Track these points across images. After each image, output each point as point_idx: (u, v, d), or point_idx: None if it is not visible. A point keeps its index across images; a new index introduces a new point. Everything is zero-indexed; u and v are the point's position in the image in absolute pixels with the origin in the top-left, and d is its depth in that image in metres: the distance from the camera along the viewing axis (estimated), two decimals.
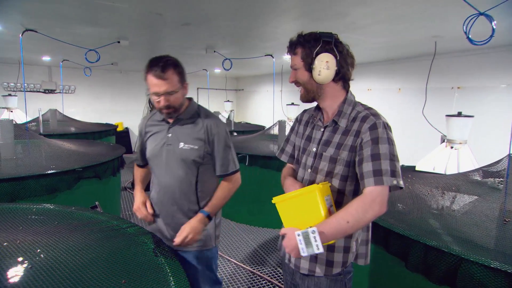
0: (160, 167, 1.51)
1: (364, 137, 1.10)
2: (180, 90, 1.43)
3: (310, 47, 1.14)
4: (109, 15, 3.11)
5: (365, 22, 3.07)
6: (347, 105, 1.20)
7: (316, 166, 1.21)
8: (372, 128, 1.09)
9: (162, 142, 1.50)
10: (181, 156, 1.46)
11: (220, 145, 1.50)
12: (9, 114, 5.37)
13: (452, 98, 4.66)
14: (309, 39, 1.15)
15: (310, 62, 1.14)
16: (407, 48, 4.49)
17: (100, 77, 8.49)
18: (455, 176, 2.36)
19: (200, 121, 1.50)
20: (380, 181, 1.04)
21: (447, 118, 2.76)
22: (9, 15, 3.16)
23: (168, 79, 1.36)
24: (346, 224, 1.03)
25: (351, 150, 1.13)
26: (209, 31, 3.74)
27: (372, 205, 1.03)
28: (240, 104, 10.71)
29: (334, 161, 1.16)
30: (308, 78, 1.18)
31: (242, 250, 3.44)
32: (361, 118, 1.13)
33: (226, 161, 1.52)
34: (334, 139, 1.18)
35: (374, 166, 1.05)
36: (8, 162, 2.73)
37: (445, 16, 2.80)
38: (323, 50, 1.13)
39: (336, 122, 1.19)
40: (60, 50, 5.12)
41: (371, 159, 1.06)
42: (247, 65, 6.87)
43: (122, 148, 3.74)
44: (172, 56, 1.43)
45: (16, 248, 1.11)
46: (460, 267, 1.33)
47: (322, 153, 1.20)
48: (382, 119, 1.11)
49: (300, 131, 1.36)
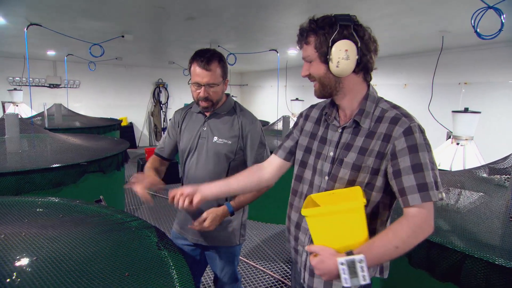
0: (192, 160, 1.52)
1: (398, 143, 0.94)
2: (221, 84, 1.45)
3: (325, 34, 0.97)
4: (113, 9, 3.10)
5: (370, 16, 3.03)
6: (370, 102, 1.04)
7: (335, 174, 1.04)
8: (408, 133, 0.94)
9: (197, 134, 1.52)
10: (214, 150, 1.48)
11: (254, 142, 1.49)
12: (14, 108, 5.42)
13: (458, 94, 4.60)
14: (323, 25, 0.98)
15: (326, 52, 0.97)
16: (413, 43, 4.43)
17: (105, 72, 8.51)
18: (460, 173, 2.34)
19: (235, 117, 1.51)
20: (427, 197, 0.89)
21: (453, 114, 2.73)
22: (13, 9, 3.16)
23: (212, 70, 1.39)
24: (394, 250, 0.88)
25: (379, 156, 0.97)
26: (213, 25, 3.72)
27: (424, 227, 0.90)
28: (244, 99, 10.69)
29: (357, 168, 1.00)
30: (324, 71, 1.00)
31: (246, 245, 3.45)
32: (391, 120, 0.98)
33: (260, 158, 1.49)
34: (356, 143, 1.01)
35: (417, 179, 0.90)
36: (13, 156, 2.75)
37: (453, 10, 2.75)
38: (341, 37, 0.96)
39: (357, 122, 1.02)
40: (65, 44, 5.13)
41: (413, 171, 0.91)
42: (251, 60, 6.84)
43: (126, 143, 3.76)
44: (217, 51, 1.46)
45: (21, 241, 1.12)
46: (464, 264, 1.32)
47: (343, 159, 1.02)
48: (416, 121, 0.96)
49: (307, 128, 1.18)
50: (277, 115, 5.49)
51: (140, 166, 5.44)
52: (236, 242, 1.57)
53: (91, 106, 8.50)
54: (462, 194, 2.03)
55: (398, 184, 0.94)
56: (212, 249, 1.57)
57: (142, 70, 9.18)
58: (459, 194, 2.03)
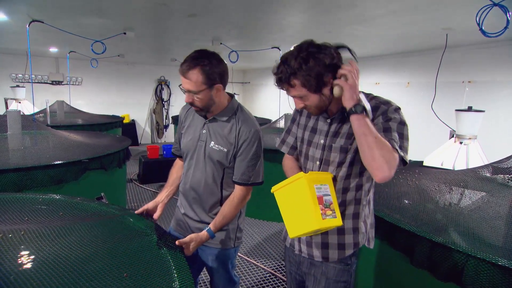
0: (191, 162, 1.51)
1: (377, 122, 1.09)
2: (205, 91, 1.35)
3: (309, 72, 1.05)
4: (115, 6, 3.09)
5: (374, 13, 3.01)
6: None
7: (327, 159, 1.21)
8: (384, 113, 1.10)
9: (197, 136, 1.49)
10: (208, 155, 1.45)
11: (247, 152, 1.42)
12: (17, 105, 5.43)
13: (462, 93, 4.57)
14: (299, 66, 1.05)
15: (316, 84, 1.07)
16: (417, 41, 4.40)
17: (107, 69, 8.52)
18: (463, 172, 2.32)
19: (234, 124, 1.44)
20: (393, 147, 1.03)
21: (457, 112, 2.70)
22: (15, 6, 3.16)
23: (191, 79, 1.32)
24: (373, 139, 1.01)
25: None
26: (216, 23, 3.71)
27: (393, 152, 1.03)
28: (247, 97, 10.67)
29: (345, 150, 1.16)
30: (319, 98, 1.12)
31: (246, 243, 3.45)
32: (372, 109, 1.11)
33: (249, 170, 1.44)
34: (343, 130, 1.18)
35: (386, 137, 1.04)
36: (15, 152, 2.75)
37: (457, 7, 2.72)
38: (321, 65, 1.05)
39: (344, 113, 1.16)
40: (67, 41, 5.13)
41: (383, 132, 1.06)
42: (254, 58, 6.81)
43: (128, 140, 3.76)
44: (212, 54, 1.37)
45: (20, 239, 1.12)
46: (467, 264, 1.31)
47: (332, 144, 1.19)
48: (393, 105, 1.12)
49: (302, 122, 1.34)
50: (279, 112, 5.48)
51: (142, 163, 5.45)
52: (231, 245, 1.55)
53: (93, 103, 8.51)
54: (465, 193, 2.01)
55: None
56: (206, 251, 1.54)
57: (144, 67, 9.18)
58: (462, 194, 2.02)
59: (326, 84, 1.09)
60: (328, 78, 1.09)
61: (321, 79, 1.07)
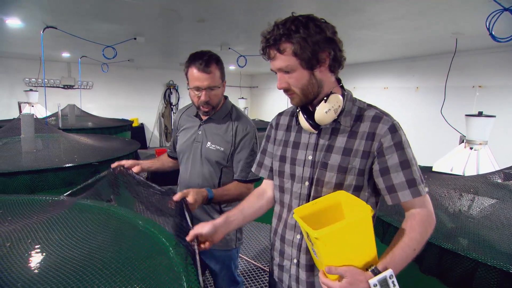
0: (187, 164, 1.52)
1: (385, 141, 0.92)
2: (221, 87, 1.40)
3: (305, 38, 0.88)
4: (127, 12, 3.15)
5: (382, 18, 3.00)
6: (348, 101, 0.99)
7: (320, 178, 0.98)
8: (393, 131, 0.92)
9: (192, 138, 1.50)
10: (206, 156, 1.45)
11: (245, 150, 1.44)
12: (30, 109, 5.55)
13: (472, 97, 4.51)
14: (296, 28, 0.89)
15: (309, 57, 0.89)
16: (426, 46, 4.37)
17: (117, 73, 8.64)
18: (473, 178, 2.28)
19: (230, 123, 1.46)
20: (417, 192, 0.90)
21: (467, 118, 2.67)
22: (31, 13, 3.25)
23: (212, 73, 1.34)
24: (412, 253, 0.88)
25: (365, 156, 0.94)
26: (224, 28, 3.75)
27: (430, 221, 0.92)
28: (254, 102, 10.70)
29: (344, 170, 0.95)
30: (308, 78, 0.93)
31: (253, 247, 3.45)
32: (372, 118, 0.95)
33: (247, 167, 1.44)
34: (338, 143, 0.97)
35: (406, 175, 0.90)
36: (28, 155, 2.81)
37: (467, 12, 2.70)
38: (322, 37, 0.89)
39: (338, 122, 0.98)
40: (79, 46, 5.23)
41: (401, 167, 0.90)
42: (262, 62, 6.83)
43: (137, 144, 3.80)
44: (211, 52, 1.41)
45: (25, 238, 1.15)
46: (477, 272, 1.29)
47: (326, 162, 0.97)
48: (395, 120, 0.96)
49: (279, 137, 1.13)
50: None
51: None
52: (232, 246, 1.55)
53: (103, 107, 8.64)
54: (476, 200, 1.98)
55: (386, 181, 0.92)
56: (208, 254, 1.52)
57: (153, 71, 9.29)
58: (472, 200, 1.99)
59: (321, 63, 0.92)
60: (324, 55, 0.92)
61: (317, 52, 0.90)
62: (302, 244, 1.04)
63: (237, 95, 9.67)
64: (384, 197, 0.95)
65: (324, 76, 0.96)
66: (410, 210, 0.93)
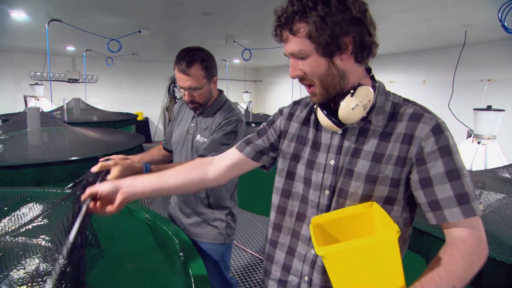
0: (180, 156, 1.52)
1: (426, 145, 0.73)
2: (206, 86, 1.39)
3: (323, 16, 0.69)
4: (131, 5, 3.13)
5: (390, 10, 2.95)
6: (380, 95, 0.81)
7: (343, 188, 0.81)
8: (438, 132, 0.73)
9: (185, 130, 1.51)
10: (196, 148, 1.45)
11: (220, 132, 1.38)
12: (36, 102, 5.58)
13: (481, 91, 4.45)
14: (313, 4, 0.70)
15: (327, 40, 0.71)
16: (434, 38, 4.30)
17: (121, 67, 8.65)
18: (482, 173, 2.26)
19: (218, 116, 1.45)
20: (470, 211, 0.70)
21: (475, 112, 2.63)
22: (36, 5, 3.24)
23: (193, 75, 1.33)
24: None
25: (399, 163, 0.76)
26: (229, 21, 3.72)
27: (480, 253, 0.70)
28: (259, 95, 10.67)
29: (373, 180, 0.78)
30: (326, 67, 0.75)
31: (258, 241, 3.46)
32: (410, 116, 0.77)
33: (214, 145, 1.34)
34: (367, 147, 0.79)
35: (455, 188, 0.71)
36: (35, 148, 2.83)
37: (478, 3, 2.65)
38: (345, 16, 0.70)
39: (368, 120, 0.80)
40: (84, 40, 5.23)
41: (448, 178, 0.71)
42: (267, 56, 6.80)
43: (142, 137, 3.81)
44: (202, 48, 1.38)
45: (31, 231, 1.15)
46: (486, 267, 1.27)
47: (352, 168, 0.80)
48: (440, 118, 0.77)
49: (292, 131, 0.93)
50: None
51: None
52: (221, 240, 1.47)
53: (108, 101, 8.66)
54: (483, 195, 1.96)
55: (428, 195, 0.73)
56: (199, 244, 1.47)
57: (158, 65, 9.28)
58: (480, 195, 1.96)
59: (342, 50, 0.73)
60: (348, 40, 0.72)
61: (337, 36, 0.71)
62: (317, 261, 0.86)
63: (242, 89, 9.64)
64: (426, 214, 0.76)
65: (348, 66, 0.77)
66: (454, 233, 0.73)
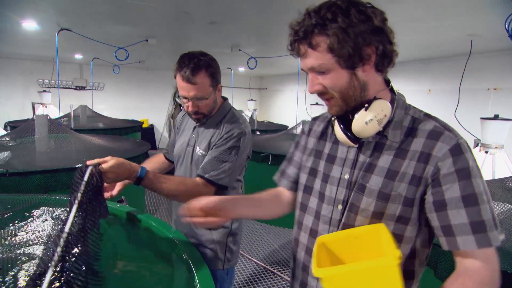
0: (180, 169, 1.45)
1: (443, 166, 0.70)
2: (212, 95, 1.26)
3: (345, 28, 0.67)
4: (139, 14, 3.19)
5: (396, 19, 2.97)
6: (399, 109, 0.78)
7: (354, 203, 0.79)
8: (456, 153, 0.70)
9: (186, 141, 1.43)
10: (195, 161, 1.35)
11: (219, 148, 1.26)
12: (43, 109, 5.66)
13: (487, 100, 4.42)
14: (333, 16, 0.68)
15: (350, 53, 0.69)
16: (440, 48, 4.31)
17: (128, 75, 8.75)
18: (489, 183, 2.23)
19: (220, 127, 1.32)
20: (486, 240, 0.66)
21: (482, 121, 2.61)
22: (47, 15, 3.31)
23: (198, 83, 1.20)
24: None
25: (414, 182, 0.73)
26: (236, 29, 3.76)
27: (493, 285, 0.69)
28: (264, 103, 10.70)
29: (385, 197, 0.75)
30: (348, 80, 0.73)
31: (263, 250, 3.44)
32: (429, 133, 0.73)
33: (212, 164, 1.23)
34: (381, 163, 0.77)
35: (470, 215, 0.67)
36: (42, 155, 2.86)
37: (483, 13, 2.65)
38: (367, 27, 0.68)
39: (384, 135, 0.77)
40: (92, 48, 5.31)
41: (464, 204, 0.68)
42: (272, 64, 6.84)
43: (148, 145, 3.83)
44: (206, 53, 1.25)
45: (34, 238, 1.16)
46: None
47: (364, 184, 0.78)
48: (462, 138, 0.74)
49: (310, 146, 0.94)
50: (296, 119, 5.46)
51: None
52: (219, 266, 1.35)
53: (114, 108, 8.75)
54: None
55: (441, 219, 0.70)
56: None
57: (164, 73, 9.38)
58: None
59: (364, 61, 0.71)
60: (370, 51, 0.71)
61: (360, 47, 0.69)
62: None
63: (247, 97, 9.69)
64: (439, 238, 0.73)
65: (369, 77, 0.75)
66: (466, 263, 0.70)
